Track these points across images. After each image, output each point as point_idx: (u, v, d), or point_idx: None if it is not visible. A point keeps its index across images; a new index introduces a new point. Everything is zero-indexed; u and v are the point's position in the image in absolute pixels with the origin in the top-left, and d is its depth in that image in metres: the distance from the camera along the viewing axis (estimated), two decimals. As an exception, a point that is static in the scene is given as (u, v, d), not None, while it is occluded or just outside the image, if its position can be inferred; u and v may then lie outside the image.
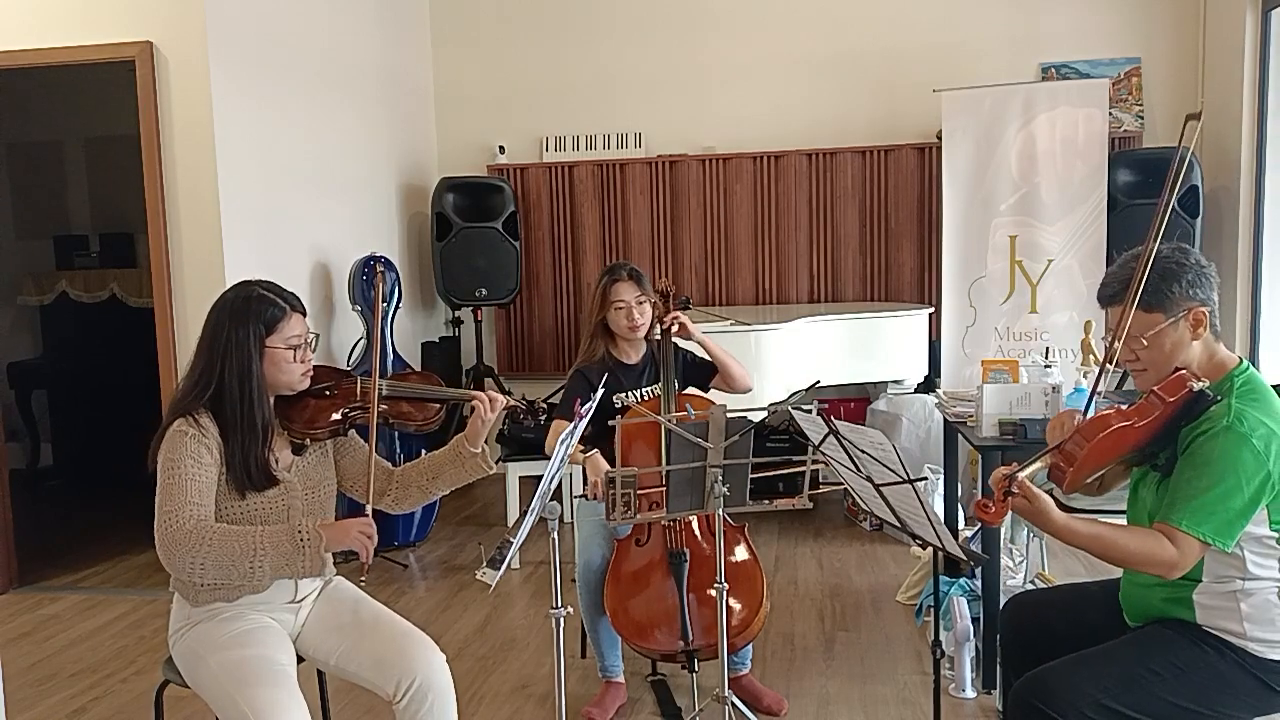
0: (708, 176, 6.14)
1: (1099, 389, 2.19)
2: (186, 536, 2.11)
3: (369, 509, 2.35)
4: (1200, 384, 2.01)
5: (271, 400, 2.33)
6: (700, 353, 3.47)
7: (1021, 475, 1.99)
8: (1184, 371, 2.04)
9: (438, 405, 2.51)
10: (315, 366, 2.41)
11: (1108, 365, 2.15)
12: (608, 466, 3.07)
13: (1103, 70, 5.73)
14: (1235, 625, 2.06)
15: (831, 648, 3.68)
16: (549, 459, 2.42)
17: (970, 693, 3.25)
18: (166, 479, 2.17)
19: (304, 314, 2.36)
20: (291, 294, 2.36)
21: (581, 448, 3.17)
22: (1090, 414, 2.13)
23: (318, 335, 2.42)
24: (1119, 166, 5.34)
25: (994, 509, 1.99)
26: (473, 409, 2.43)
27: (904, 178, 5.97)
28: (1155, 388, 2.04)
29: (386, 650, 2.31)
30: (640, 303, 3.36)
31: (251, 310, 2.27)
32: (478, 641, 3.86)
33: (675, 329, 3.34)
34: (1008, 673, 2.48)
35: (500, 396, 2.46)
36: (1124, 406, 2.08)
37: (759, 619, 3.07)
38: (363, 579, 2.33)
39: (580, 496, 3.26)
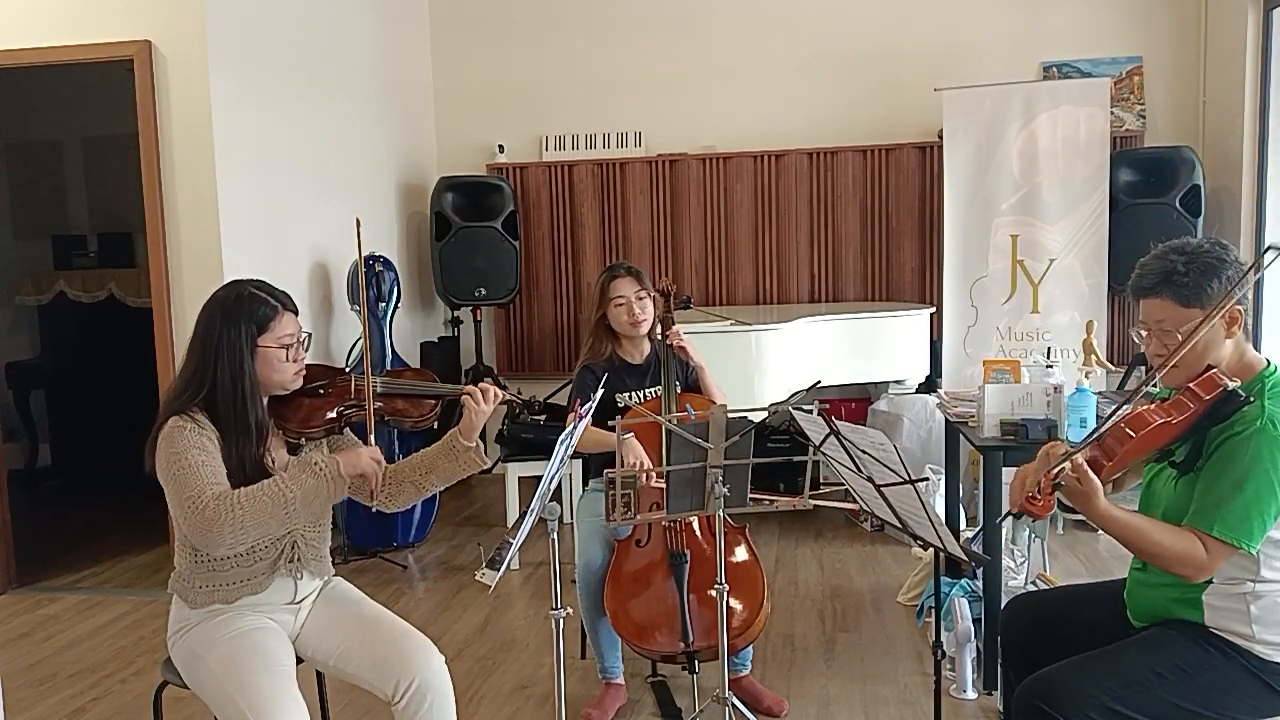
0: (708, 176, 6.13)
1: (1139, 385, 2.16)
2: (216, 513, 2.09)
3: (371, 437, 2.37)
4: (1233, 384, 1.99)
5: (265, 400, 2.32)
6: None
7: (1078, 459, 1.96)
8: (1215, 370, 2.02)
9: (433, 401, 2.50)
10: (309, 365, 2.39)
11: (1143, 365, 2.12)
12: (643, 451, 3.04)
13: (1104, 69, 5.72)
14: (1243, 627, 2.05)
15: (832, 649, 3.67)
16: (546, 457, 2.40)
17: (971, 694, 3.24)
18: (177, 470, 2.14)
19: (296, 313, 2.34)
20: (283, 293, 2.35)
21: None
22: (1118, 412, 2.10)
23: (310, 334, 2.41)
24: (1121, 166, 5.34)
25: (1041, 501, 1.96)
26: (463, 402, 2.41)
27: (905, 177, 5.96)
28: (1191, 385, 2.01)
29: (386, 651, 2.30)
30: (640, 298, 3.34)
31: (243, 310, 2.26)
32: (477, 642, 3.85)
33: (674, 345, 3.29)
34: (1009, 674, 2.47)
35: (495, 389, 2.43)
36: (1158, 403, 2.05)
37: (760, 620, 3.06)
38: (372, 502, 2.41)
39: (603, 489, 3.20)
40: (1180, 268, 2.05)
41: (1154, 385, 2.16)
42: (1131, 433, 1.98)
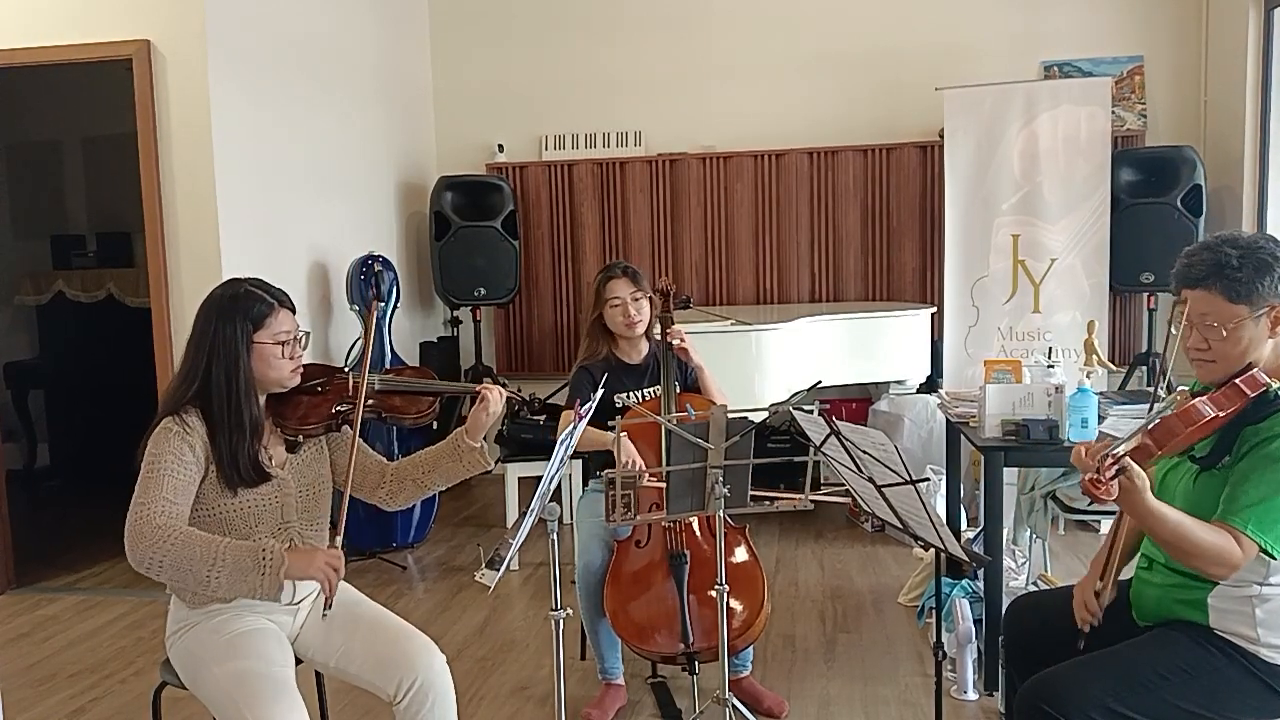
0: (708, 175, 6.13)
1: (1160, 390, 2.14)
2: (153, 530, 2.08)
3: (339, 541, 2.28)
4: (1275, 385, 1.97)
5: (263, 398, 2.32)
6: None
7: (1123, 454, 1.92)
8: (1256, 369, 1.99)
9: (430, 399, 2.50)
10: (308, 364, 2.39)
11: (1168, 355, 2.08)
12: (636, 451, 3.04)
13: (1105, 68, 5.71)
14: (1248, 630, 2.04)
15: (833, 649, 3.66)
16: (547, 457, 2.40)
17: (972, 694, 3.23)
18: (146, 472, 2.15)
19: (293, 310, 2.34)
20: (280, 290, 2.34)
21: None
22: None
23: (308, 333, 2.41)
24: (1122, 165, 5.33)
25: (1104, 486, 1.90)
26: (476, 398, 2.41)
27: (906, 176, 5.95)
28: (1238, 381, 1.98)
29: (388, 651, 2.30)
30: (636, 299, 3.32)
31: (239, 307, 2.26)
32: (477, 643, 3.84)
33: (675, 344, 3.29)
34: (1011, 674, 2.46)
35: (499, 388, 2.44)
36: (1210, 393, 2.02)
37: (760, 620, 3.05)
38: (325, 613, 2.23)
39: (597, 478, 3.20)
40: (1234, 261, 2.01)
41: (1164, 387, 2.14)
42: (1184, 424, 1.95)
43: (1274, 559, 1.98)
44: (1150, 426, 1.99)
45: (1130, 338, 5.78)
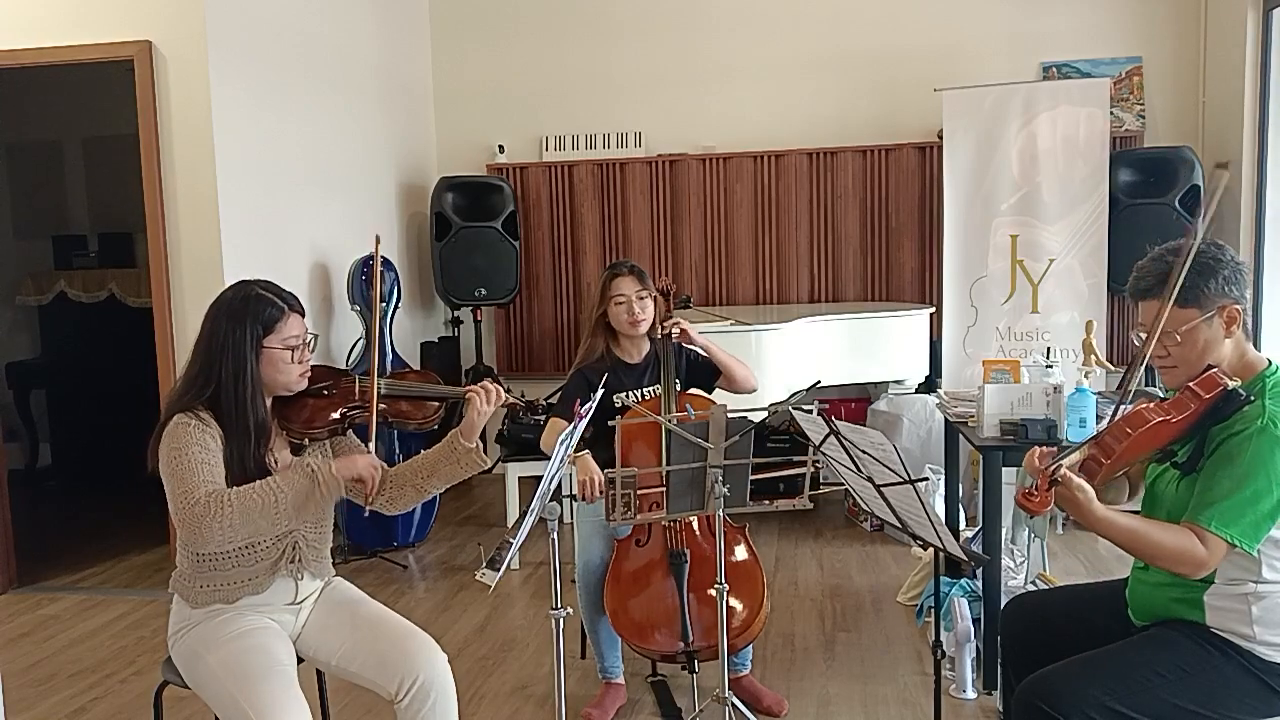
0: (708, 176, 6.14)
1: (1130, 387, 2.17)
2: (206, 509, 2.09)
3: (373, 441, 2.36)
4: (1233, 383, 2.00)
5: (269, 401, 2.32)
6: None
7: (1064, 465, 1.97)
8: (1216, 370, 2.03)
9: (436, 404, 2.50)
10: (313, 366, 2.40)
11: (1138, 364, 2.12)
12: (597, 467, 3.06)
13: (1104, 69, 5.72)
14: (1245, 628, 2.05)
15: (832, 648, 3.67)
16: (546, 457, 2.41)
17: (971, 693, 3.24)
18: (175, 466, 2.15)
19: (302, 314, 2.35)
20: (290, 294, 2.35)
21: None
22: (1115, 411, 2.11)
23: (316, 336, 2.41)
24: (1120, 166, 5.34)
25: (1038, 498, 1.95)
26: (469, 401, 2.41)
27: (905, 177, 5.96)
28: (1191, 384, 2.02)
29: (389, 649, 2.31)
30: (641, 298, 3.32)
31: (250, 310, 2.26)
32: (477, 642, 3.85)
33: (676, 334, 3.31)
34: (1009, 673, 2.47)
35: (498, 389, 2.44)
36: (1157, 402, 2.06)
37: (759, 619, 3.07)
38: (366, 511, 2.36)
39: (569, 497, 3.24)
40: (1177, 269, 2.05)
41: (1145, 385, 2.17)
42: (1129, 430, 1.99)
43: (1250, 554, 1.99)
44: (1097, 437, 2.03)
45: (1128, 338, 5.80)
